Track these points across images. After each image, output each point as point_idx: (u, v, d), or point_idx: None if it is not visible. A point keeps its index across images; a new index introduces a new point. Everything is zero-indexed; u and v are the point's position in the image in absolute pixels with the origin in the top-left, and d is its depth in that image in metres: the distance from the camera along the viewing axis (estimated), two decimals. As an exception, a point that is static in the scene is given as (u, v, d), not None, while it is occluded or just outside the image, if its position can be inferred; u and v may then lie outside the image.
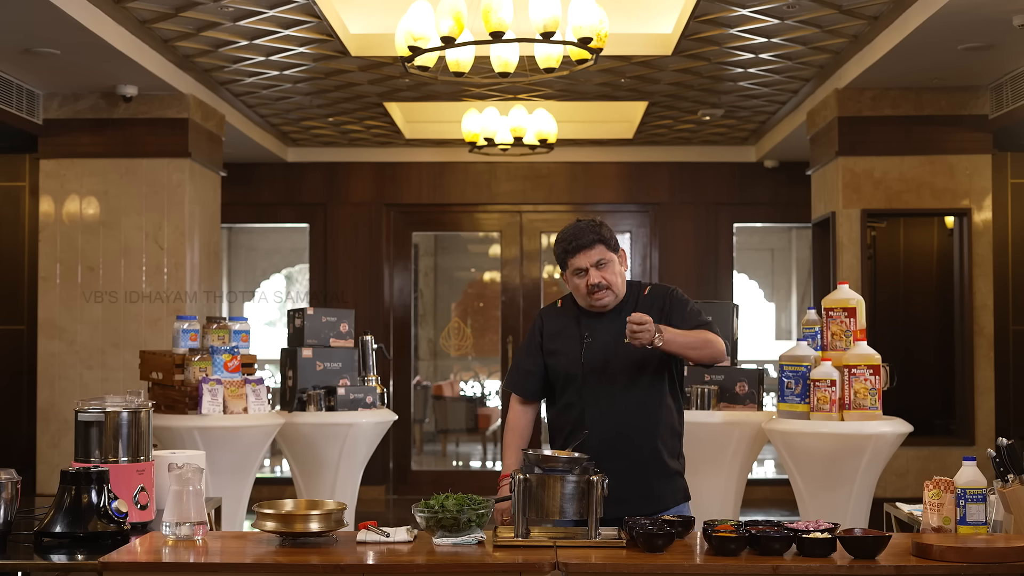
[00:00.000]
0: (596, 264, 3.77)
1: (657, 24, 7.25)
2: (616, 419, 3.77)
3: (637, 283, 3.94)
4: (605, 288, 3.78)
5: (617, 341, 3.74)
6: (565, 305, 3.96)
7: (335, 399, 6.33)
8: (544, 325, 3.96)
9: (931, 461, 8.11)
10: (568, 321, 3.90)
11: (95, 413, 3.63)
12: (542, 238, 10.82)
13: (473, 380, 12.14)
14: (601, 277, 3.77)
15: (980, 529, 3.39)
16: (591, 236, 3.78)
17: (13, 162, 9.05)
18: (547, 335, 3.93)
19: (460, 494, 3.42)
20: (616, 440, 3.75)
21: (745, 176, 10.58)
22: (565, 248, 3.80)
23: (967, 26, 6.32)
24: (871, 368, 5.12)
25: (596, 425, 3.75)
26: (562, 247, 3.82)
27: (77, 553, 3.30)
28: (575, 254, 3.78)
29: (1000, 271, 8.64)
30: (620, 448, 3.74)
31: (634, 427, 3.78)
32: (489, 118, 7.92)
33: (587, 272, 3.78)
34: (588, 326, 3.84)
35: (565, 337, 3.87)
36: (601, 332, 3.82)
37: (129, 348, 7.90)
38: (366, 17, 7.16)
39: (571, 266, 3.80)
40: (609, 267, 3.79)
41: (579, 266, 3.78)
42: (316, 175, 10.62)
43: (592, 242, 3.77)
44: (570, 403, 3.85)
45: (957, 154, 8.06)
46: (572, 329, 3.87)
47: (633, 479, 3.73)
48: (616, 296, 3.83)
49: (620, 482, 3.63)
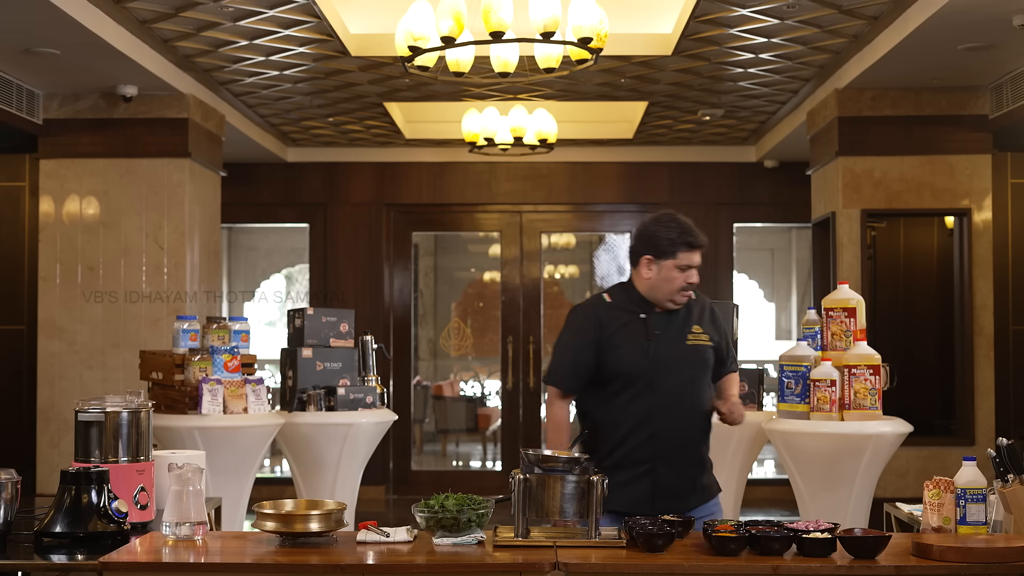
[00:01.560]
0: (696, 264, 3.86)
1: (657, 24, 7.25)
2: (681, 416, 3.84)
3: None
4: (691, 289, 3.89)
5: (678, 340, 3.86)
6: (616, 299, 3.93)
7: (335, 399, 6.33)
8: (604, 321, 3.89)
9: (931, 461, 8.11)
10: (629, 316, 3.88)
11: (95, 413, 3.63)
12: (542, 238, 10.82)
13: (473, 380, 12.14)
14: (696, 279, 3.87)
15: (980, 529, 3.39)
16: (702, 240, 3.86)
17: (13, 162, 9.05)
18: (606, 329, 3.87)
19: (460, 494, 3.42)
20: (680, 437, 3.84)
21: (745, 176, 10.58)
22: (682, 240, 3.81)
23: (967, 26, 6.31)
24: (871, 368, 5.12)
25: (663, 421, 3.81)
26: (679, 238, 3.81)
27: (77, 553, 3.30)
28: (690, 250, 3.82)
29: (1000, 271, 8.64)
30: (683, 444, 3.85)
31: (695, 424, 3.89)
32: (489, 118, 7.92)
33: (689, 270, 3.83)
34: (654, 323, 3.87)
35: (628, 332, 3.85)
36: (667, 329, 3.87)
37: (129, 348, 7.90)
38: (366, 17, 7.16)
39: (680, 259, 3.81)
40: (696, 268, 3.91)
41: (688, 263, 3.82)
42: (316, 175, 10.63)
43: (703, 245, 3.87)
44: (633, 399, 3.83)
45: (957, 154, 8.05)
46: (636, 324, 3.86)
47: (691, 474, 3.84)
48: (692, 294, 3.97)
49: (681, 478, 3.78)
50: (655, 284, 3.85)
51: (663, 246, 3.82)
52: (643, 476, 3.78)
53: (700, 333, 3.92)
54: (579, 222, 11.06)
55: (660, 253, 3.82)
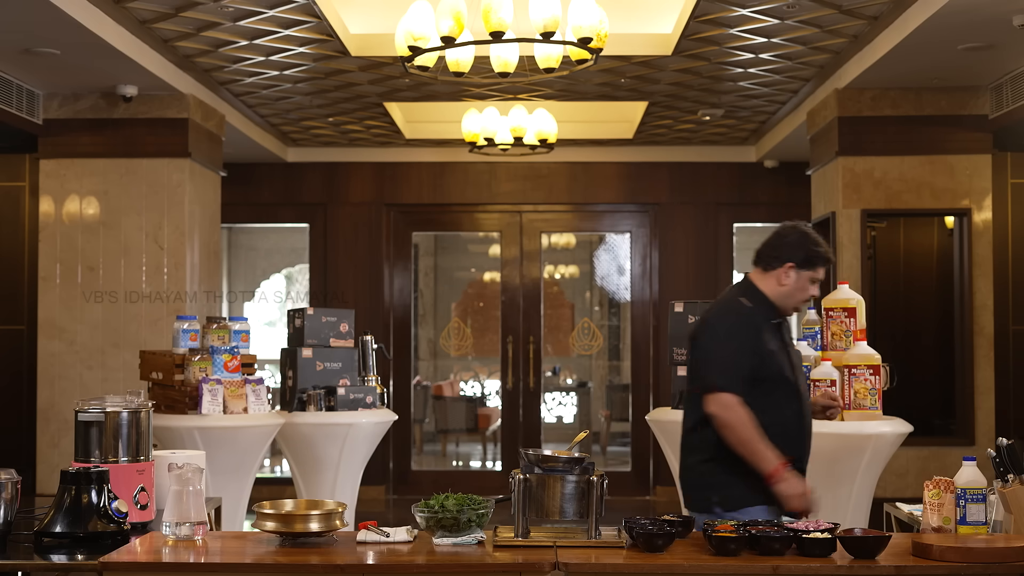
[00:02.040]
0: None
1: (657, 24, 7.25)
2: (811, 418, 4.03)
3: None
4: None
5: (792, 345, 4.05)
6: (755, 305, 3.96)
7: (335, 399, 6.33)
8: (763, 332, 3.92)
9: (931, 461, 8.11)
10: (767, 325, 3.96)
11: (95, 413, 3.63)
12: (542, 238, 10.82)
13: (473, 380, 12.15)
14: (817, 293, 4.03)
15: (980, 529, 3.39)
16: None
17: (13, 162, 9.04)
18: (760, 333, 3.92)
19: (460, 494, 3.42)
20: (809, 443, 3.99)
21: (745, 176, 10.57)
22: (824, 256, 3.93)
23: (967, 26, 6.31)
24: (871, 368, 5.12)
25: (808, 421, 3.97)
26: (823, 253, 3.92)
27: (77, 553, 3.30)
28: (824, 267, 3.94)
29: (1000, 271, 8.63)
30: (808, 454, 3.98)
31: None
32: (489, 118, 7.91)
33: (816, 284, 3.96)
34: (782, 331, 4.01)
35: (772, 339, 3.94)
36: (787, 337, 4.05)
37: (129, 348, 7.90)
38: (366, 17, 7.15)
39: (818, 272, 3.93)
40: None
41: (820, 278, 3.95)
42: (316, 175, 10.62)
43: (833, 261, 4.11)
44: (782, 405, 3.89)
45: (957, 154, 8.05)
46: (773, 333, 3.96)
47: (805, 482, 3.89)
48: None
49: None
50: (790, 292, 3.94)
51: (811, 257, 3.92)
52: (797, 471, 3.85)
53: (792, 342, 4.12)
54: (579, 222, 11.05)
55: (805, 263, 3.91)
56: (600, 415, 11.74)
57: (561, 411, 12.05)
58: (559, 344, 11.40)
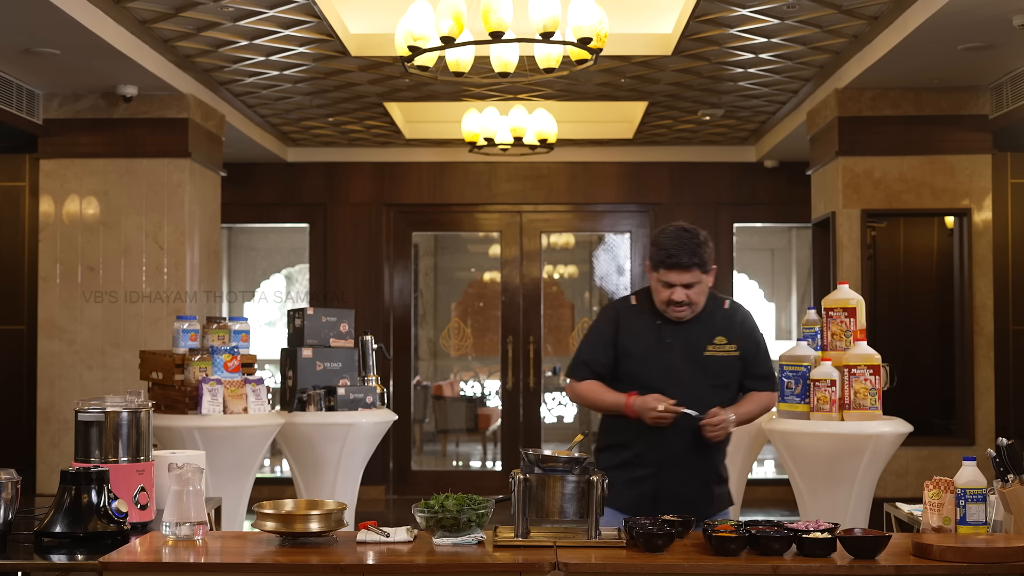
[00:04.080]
0: (685, 284, 3.76)
1: (657, 24, 7.25)
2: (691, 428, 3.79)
3: (712, 294, 3.92)
4: (686, 306, 3.78)
5: (695, 350, 3.80)
6: (641, 303, 3.90)
7: (335, 399, 6.33)
8: (620, 321, 3.88)
9: (931, 461, 8.11)
10: (646, 322, 3.84)
11: (95, 413, 3.63)
12: (542, 238, 10.82)
13: (473, 380, 12.14)
14: (685, 295, 3.77)
15: (980, 529, 3.39)
16: (690, 259, 3.73)
17: (13, 162, 9.05)
18: (623, 331, 3.86)
19: (460, 494, 3.42)
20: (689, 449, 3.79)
21: (745, 176, 10.58)
22: (662, 259, 3.75)
23: (967, 26, 6.31)
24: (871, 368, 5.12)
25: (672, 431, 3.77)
26: (660, 255, 3.76)
27: (77, 553, 3.30)
28: (669, 269, 3.75)
29: (1000, 271, 8.64)
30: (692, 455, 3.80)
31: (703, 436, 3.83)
32: (489, 118, 7.92)
33: (674, 288, 3.76)
34: (669, 332, 3.81)
35: (641, 339, 3.82)
36: (681, 340, 3.81)
37: (129, 348, 7.90)
38: (366, 17, 7.15)
39: (661, 275, 3.77)
40: (697, 287, 3.79)
41: (668, 281, 3.76)
42: (316, 175, 10.62)
43: (690, 265, 3.74)
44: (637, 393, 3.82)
45: (957, 154, 8.05)
46: (649, 332, 3.83)
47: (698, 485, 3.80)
48: (694, 311, 3.83)
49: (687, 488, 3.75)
50: (653, 292, 3.86)
51: (651, 257, 3.81)
52: (646, 479, 3.79)
53: (724, 344, 3.88)
54: (579, 222, 11.06)
55: (653, 264, 3.82)
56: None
57: (561, 411, 12.05)
58: (559, 344, 11.40)
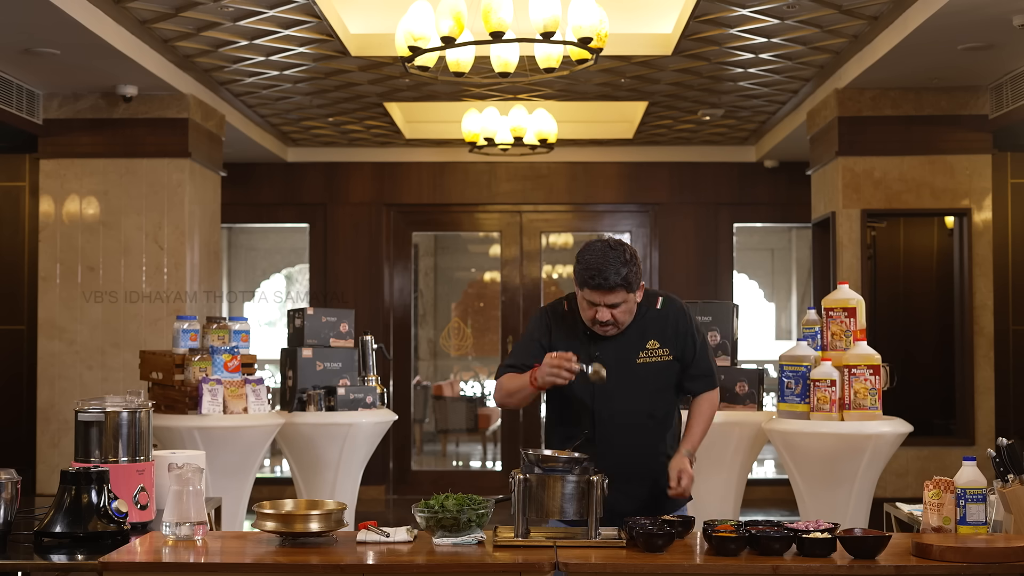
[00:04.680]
0: (610, 304, 3.62)
1: (657, 24, 7.25)
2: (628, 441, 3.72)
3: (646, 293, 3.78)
4: (611, 325, 3.66)
5: (626, 360, 3.69)
6: (571, 309, 3.78)
7: (335, 399, 6.33)
8: (552, 328, 3.80)
9: (931, 461, 8.11)
10: (575, 331, 3.75)
11: (95, 413, 3.63)
12: (542, 238, 10.82)
13: (473, 380, 12.14)
14: (610, 315, 3.63)
15: (980, 529, 3.39)
16: (615, 279, 3.56)
17: (13, 162, 9.05)
18: (555, 338, 3.78)
19: (460, 494, 3.42)
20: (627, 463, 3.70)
21: (745, 176, 10.58)
22: (585, 279, 3.59)
23: (967, 26, 6.32)
24: (871, 368, 5.12)
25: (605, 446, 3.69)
26: (584, 274, 3.59)
27: (77, 553, 3.30)
28: (593, 290, 3.59)
29: (1000, 271, 8.64)
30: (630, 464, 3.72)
31: (644, 444, 3.76)
32: (489, 118, 7.91)
33: (598, 307, 3.63)
34: (598, 343, 3.71)
35: (572, 348, 3.69)
36: (611, 350, 3.70)
37: (129, 348, 7.90)
38: (366, 17, 7.15)
39: (585, 294, 3.62)
40: (623, 307, 3.64)
41: (592, 300, 3.62)
42: (316, 175, 10.62)
43: (614, 287, 3.57)
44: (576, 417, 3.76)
45: (957, 154, 8.05)
46: (580, 341, 3.73)
47: (641, 495, 3.71)
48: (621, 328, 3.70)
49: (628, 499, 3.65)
50: (580, 311, 3.72)
51: (576, 274, 3.65)
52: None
53: (657, 348, 3.74)
54: (579, 222, 11.06)
55: (576, 281, 3.66)
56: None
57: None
58: (559, 344, 11.38)
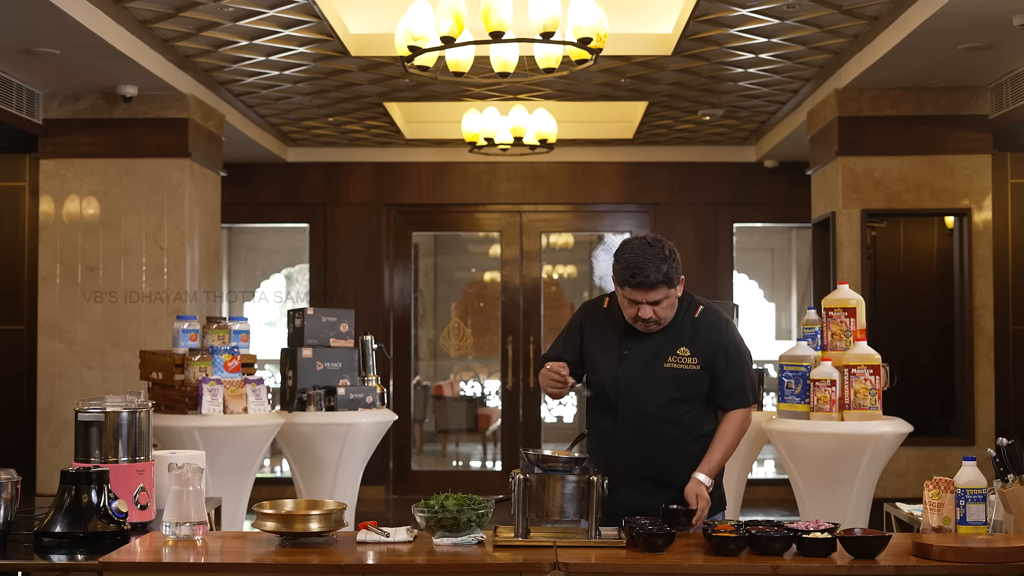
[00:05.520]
0: (652, 301, 3.59)
1: (657, 24, 7.25)
2: (648, 443, 3.68)
3: (688, 297, 3.75)
4: (654, 322, 3.64)
5: (653, 362, 3.67)
6: (611, 307, 3.78)
7: (335, 399, 6.33)
8: (588, 324, 3.81)
9: (931, 461, 8.11)
10: (611, 329, 3.74)
11: (95, 413, 3.63)
12: (542, 238, 10.82)
13: (473, 380, 12.15)
14: (653, 312, 3.61)
15: (980, 529, 3.39)
16: (656, 277, 3.53)
17: (13, 162, 9.05)
18: (588, 335, 3.79)
19: (460, 494, 3.42)
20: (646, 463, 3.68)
21: (745, 176, 10.58)
22: (626, 277, 3.57)
23: (967, 26, 6.32)
24: (871, 368, 5.12)
25: (627, 444, 3.68)
26: (624, 273, 3.57)
27: (77, 553, 3.30)
28: (635, 288, 3.57)
29: (1000, 271, 8.64)
30: (648, 463, 3.69)
31: (664, 447, 3.70)
32: (489, 118, 7.91)
33: (640, 305, 3.61)
34: (630, 342, 3.70)
35: (605, 346, 3.72)
36: (641, 351, 3.69)
37: (129, 348, 7.90)
38: (366, 17, 7.15)
39: (626, 292, 3.60)
40: (665, 303, 3.61)
41: (634, 299, 3.60)
42: (316, 175, 10.62)
43: (656, 284, 3.54)
44: (603, 413, 3.76)
45: (957, 154, 8.05)
46: (613, 340, 3.73)
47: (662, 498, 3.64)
48: (664, 324, 3.68)
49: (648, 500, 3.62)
50: (622, 308, 3.70)
51: (615, 274, 3.64)
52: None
53: (686, 356, 3.69)
54: (579, 222, 11.06)
55: (616, 280, 3.66)
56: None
57: (561, 411, 12.05)
58: (559, 344, 11.38)
